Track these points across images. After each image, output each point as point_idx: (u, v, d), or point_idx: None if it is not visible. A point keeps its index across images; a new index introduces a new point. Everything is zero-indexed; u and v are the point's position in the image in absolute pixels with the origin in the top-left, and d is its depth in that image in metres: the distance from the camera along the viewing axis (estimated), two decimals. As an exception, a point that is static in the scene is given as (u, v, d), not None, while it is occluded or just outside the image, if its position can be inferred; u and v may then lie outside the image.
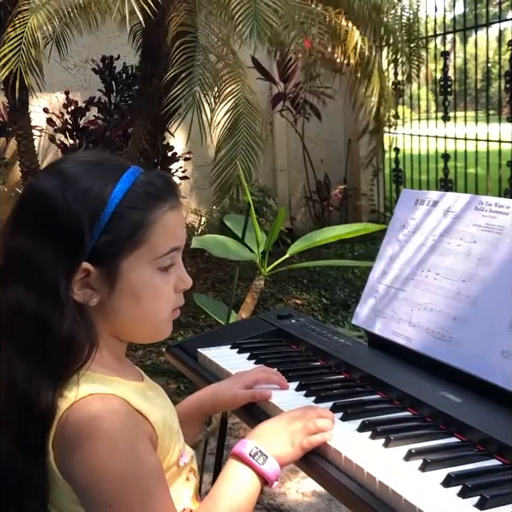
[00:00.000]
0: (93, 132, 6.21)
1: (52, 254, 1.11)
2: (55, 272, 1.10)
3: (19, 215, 1.16)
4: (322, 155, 7.77)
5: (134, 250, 1.14)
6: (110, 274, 1.13)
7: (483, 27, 6.39)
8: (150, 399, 1.19)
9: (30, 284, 1.11)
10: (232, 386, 1.47)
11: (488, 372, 1.39)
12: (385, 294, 1.70)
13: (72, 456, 1.07)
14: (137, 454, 1.09)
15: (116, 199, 1.13)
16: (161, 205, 1.16)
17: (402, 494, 1.07)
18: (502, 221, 1.52)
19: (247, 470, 1.18)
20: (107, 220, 1.12)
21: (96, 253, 1.12)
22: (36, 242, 1.12)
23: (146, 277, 1.16)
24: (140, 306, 1.17)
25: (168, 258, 1.17)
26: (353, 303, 5.23)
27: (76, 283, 1.12)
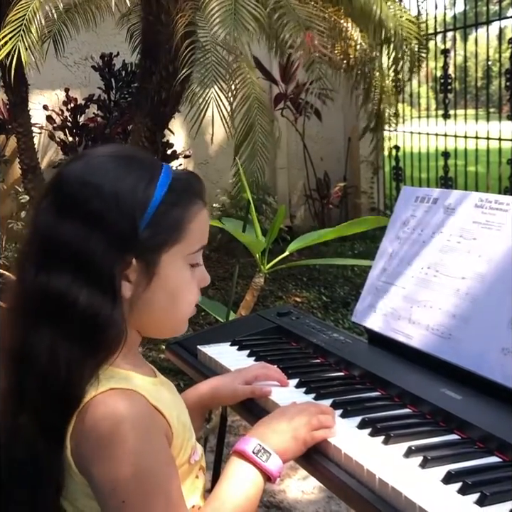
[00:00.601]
0: (93, 130, 6.21)
1: (104, 246, 1.11)
2: (108, 264, 1.11)
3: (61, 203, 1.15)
4: (322, 153, 7.77)
5: (173, 245, 1.16)
6: (149, 267, 1.14)
7: (484, 25, 6.38)
8: (164, 395, 1.20)
9: (79, 275, 1.10)
10: (231, 381, 1.48)
11: (488, 369, 1.39)
12: (385, 291, 1.70)
13: (91, 451, 1.06)
14: (154, 451, 1.09)
15: (160, 194, 1.15)
16: (196, 202, 1.19)
17: (402, 491, 1.07)
18: (502, 218, 1.52)
19: (251, 468, 1.18)
20: (151, 215, 1.14)
21: (139, 247, 1.13)
22: (86, 233, 1.11)
23: (181, 271, 1.18)
24: (173, 300, 1.19)
25: (198, 255, 1.21)
26: (352, 301, 5.23)
27: None
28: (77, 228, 1.12)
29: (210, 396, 1.47)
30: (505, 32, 6.73)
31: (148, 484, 1.06)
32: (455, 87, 6.71)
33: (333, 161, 7.86)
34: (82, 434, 1.07)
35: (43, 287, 1.12)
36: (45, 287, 1.12)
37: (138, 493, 1.05)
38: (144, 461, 1.07)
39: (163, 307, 1.18)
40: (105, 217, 1.12)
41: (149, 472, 1.07)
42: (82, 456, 1.08)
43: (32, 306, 1.14)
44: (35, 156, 5.00)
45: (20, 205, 6.07)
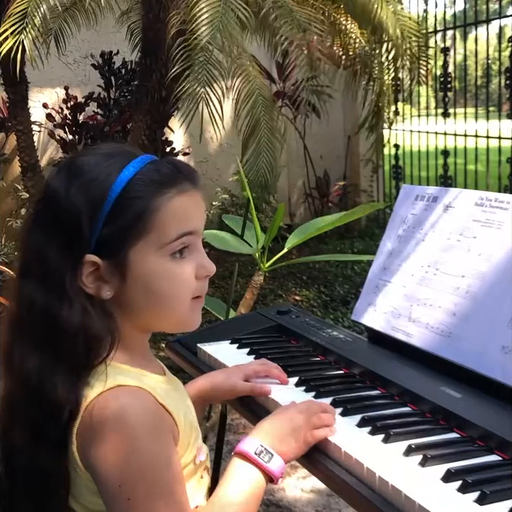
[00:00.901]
0: (92, 128, 6.21)
1: (57, 249, 1.11)
2: (60, 267, 1.11)
3: (34, 211, 1.18)
4: (322, 151, 7.76)
5: (139, 239, 1.12)
6: (119, 265, 1.12)
7: (484, 23, 6.38)
8: (172, 393, 1.19)
9: (40, 279, 1.12)
10: (231, 376, 1.47)
11: (488, 367, 1.39)
12: (385, 290, 1.70)
13: (96, 446, 1.06)
14: (160, 449, 1.08)
15: (117, 189, 1.12)
16: (165, 191, 1.14)
17: (402, 490, 1.07)
18: (502, 216, 1.52)
19: (253, 469, 1.18)
20: (108, 212, 1.11)
21: (101, 245, 1.12)
22: (44, 238, 1.12)
23: (157, 265, 1.14)
24: (154, 296, 1.15)
25: (180, 243, 1.15)
26: (352, 299, 5.23)
27: (87, 276, 1.12)
28: (38, 234, 1.14)
29: (209, 390, 1.47)
30: (505, 30, 6.72)
31: (154, 483, 1.06)
32: (455, 86, 6.70)
33: (333, 159, 7.85)
34: (89, 430, 1.07)
35: (17, 292, 1.15)
36: (18, 292, 1.15)
37: (143, 491, 1.05)
38: (150, 460, 1.07)
39: (147, 302, 1.15)
40: (55, 219, 1.12)
41: (155, 471, 1.06)
42: (87, 453, 1.08)
43: (13, 312, 1.16)
44: (35, 154, 5.00)
45: (19, 203, 6.07)
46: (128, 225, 1.12)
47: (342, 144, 7.95)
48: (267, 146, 4.33)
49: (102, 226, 1.11)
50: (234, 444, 3.38)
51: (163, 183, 1.14)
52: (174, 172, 1.17)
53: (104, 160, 1.15)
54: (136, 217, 1.12)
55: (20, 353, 1.13)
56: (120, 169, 1.13)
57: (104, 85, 6.36)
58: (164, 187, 1.14)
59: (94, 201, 1.11)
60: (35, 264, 1.13)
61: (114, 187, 1.12)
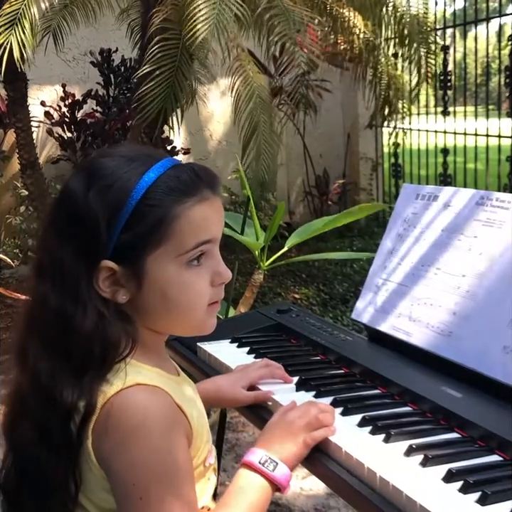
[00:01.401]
0: (91, 125, 6.20)
1: (74, 252, 1.10)
2: (75, 271, 1.10)
3: (52, 212, 1.17)
4: (321, 149, 7.76)
5: (157, 247, 1.11)
6: (135, 271, 1.12)
7: (483, 22, 6.37)
8: (187, 394, 1.19)
9: (55, 281, 1.12)
10: (236, 385, 1.48)
11: (489, 367, 1.38)
12: (385, 289, 1.70)
13: (113, 444, 1.06)
14: (175, 450, 1.08)
15: (137, 196, 1.10)
16: (184, 200, 1.12)
17: (403, 490, 1.07)
18: (503, 216, 1.52)
19: (259, 478, 1.18)
20: (128, 218, 1.10)
21: (119, 251, 1.11)
22: (61, 240, 1.12)
23: (173, 274, 1.13)
24: (169, 303, 1.15)
25: (197, 252, 1.14)
26: (351, 297, 5.22)
27: (104, 281, 1.11)
28: (56, 236, 1.13)
29: (214, 397, 1.48)
30: (504, 29, 6.72)
31: (167, 483, 1.06)
32: (454, 84, 6.69)
33: (333, 157, 7.85)
34: (105, 427, 1.07)
35: (33, 293, 1.15)
36: (33, 293, 1.15)
37: (156, 491, 1.05)
38: (165, 460, 1.06)
39: (162, 308, 1.15)
40: (74, 223, 1.11)
41: (169, 471, 1.06)
42: (103, 449, 1.07)
43: (27, 311, 1.16)
44: (34, 151, 4.99)
45: (19, 200, 6.06)
46: (147, 233, 1.11)
47: (341, 142, 7.95)
48: (266, 146, 4.33)
49: (120, 232, 1.10)
50: (232, 442, 3.39)
51: (183, 192, 1.13)
52: (195, 179, 1.15)
53: (124, 164, 1.14)
54: (156, 225, 1.11)
55: (34, 351, 1.12)
56: (141, 175, 1.12)
57: (104, 83, 6.36)
58: (184, 195, 1.13)
59: (113, 207, 1.10)
60: (51, 265, 1.13)
61: (134, 193, 1.11)
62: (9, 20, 3.79)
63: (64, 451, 1.09)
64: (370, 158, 7.83)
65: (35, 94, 6.28)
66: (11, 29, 3.77)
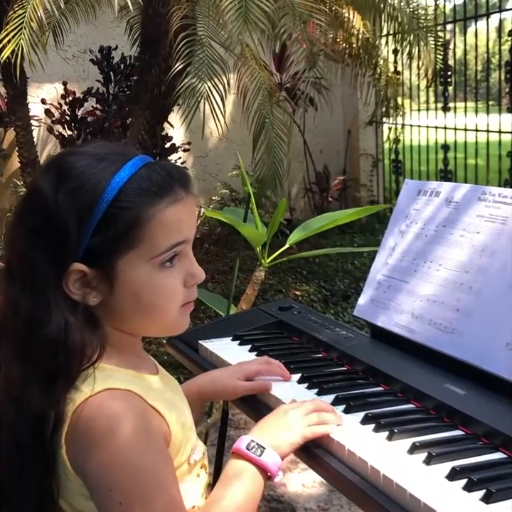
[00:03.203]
0: (91, 123, 6.19)
1: (43, 255, 1.09)
2: (44, 274, 1.09)
3: (19, 213, 1.16)
4: (321, 146, 7.75)
5: (129, 250, 1.10)
6: (107, 274, 1.10)
7: (483, 17, 6.36)
8: (165, 394, 1.18)
9: (24, 284, 1.10)
10: (232, 376, 1.46)
11: (493, 363, 1.38)
12: (387, 286, 1.69)
13: (85, 451, 1.05)
14: (150, 452, 1.07)
15: (108, 198, 1.08)
16: (157, 202, 1.10)
17: (407, 488, 1.06)
18: (505, 211, 1.51)
19: (247, 464, 1.17)
20: (99, 220, 1.08)
21: (90, 253, 1.09)
22: (30, 242, 1.10)
23: (145, 276, 1.12)
24: (141, 304, 1.13)
25: (171, 254, 1.13)
26: (352, 294, 5.22)
27: (74, 283, 1.10)
28: (24, 237, 1.11)
29: (209, 389, 1.47)
30: (504, 24, 6.70)
31: (146, 485, 1.04)
32: (455, 80, 6.68)
33: (333, 153, 7.84)
34: (77, 435, 1.06)
35: (3, 296, 1.13)
36: (3, 297, 1.13)
37: (135, 495, 1.04)
38: (140, 462, 1.05)
39: (135, 310, 1.14)
40: (43, 226, 1.09)
41: (146, 473, 1.05)
42: (77, 457, 1.06)
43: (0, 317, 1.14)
44: (34, 149, 4.98)
45: (18, 199, 6.06)
46: (118, 236, 1.09)
47: (342, 138, 7.94)
48: (276, 140, 4.32)
49: (91, 235, 1.08)
50: (235, 440, 3.38)
51: (156, 193, 1.11)
52: (167, 179, 1.13)
53: (95, 163, 1.11)
54: (127, 228, 1.09)
55: (6, 358, 1.11)
56: (111, 175, 1.10)
57: (103, 80, 6.34)
58: (157, 197, 1.11)
59: (84, 209, 1.08)
60: (20, 267, 1.11)
61: (105, 195, 1.08)
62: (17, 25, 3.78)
63: (38, 462, 1.08)
64: (370, 154, 7.82)
65: (35, 92, 6.27)
66: (21, 33, 3.76)
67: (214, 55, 4.09)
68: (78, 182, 1.09)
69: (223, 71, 4.09)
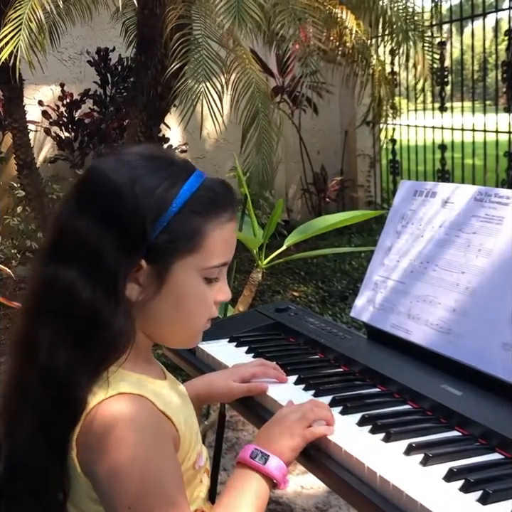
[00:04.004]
0: (89, 125, 6.19)
1: (115, 246, 1.09)
2: (115, 264, 1.09)
3: (83, 197, 1.15)
4: (319, 147, 7.75)
5: (188, 255, 1.13)
6: (161, 273, 1.12)
7: (480, 17, 6.36)
8: (173, 399, 1.18)
9: (86, 271, 1.09)
10: (228, 379, 1.47)
11: (489, 364, 1.38)
12: (384, 287, 1.69)
13: (97, 454, 1.05)
14: (161, 458, 1.08)
15: (181, 200, 1.12)
16: (220, 215, 1.16)
17: (404, 489, 1.06)
18: (502, 212, 1.51)
19: (252, 473, 1.18)
20: (169, 219, 1.11)
21: (152, 250, 1.11)
22: (100, 230, 1.09)
23: (193, 283, 1.15)
24: (181, 310, 1.16)
25: (217, 271, 1.18)
26: (350, 294, 5.22)
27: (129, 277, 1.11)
28: (91, 224, 1.10)
29: (205, 392, 1.47)
30: (501, 24, 6.71)
31: (156, 490, 1.05)
32: (452, 80, 6.68)
33: (330, 154, 7.84)
34: (89, 438, 1.06)
35: (50, 279, 1.11)
36: (52, 279, 1.11)
37: (145, 500, 1.04)
38: (151, 467, 1.06)
39: (171, 315, 1.16)
40: (118, 217, 1.10)
41: (156, 478, 1.05)
42: (87, 460, 1.07)
43: (38, 299, 1.13)
44: (31, 151, 4.97)
45: (16, 201, 6.05)
46: (184, 238, 1.12)
47: (339, 139, 7.94)
48: (265, 140, 4.32)
49: (159, 233, 1.11)
50: (233, 441, 3.39)
51: (220, 206, 1.16)
52: (228, 196, 1.19)
53: (165, 166, 1.16)
54: (192, 233, 1.13)
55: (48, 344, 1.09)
56: (183, 180, 1.14)
57: (100, 82, 6.34)
58: (221, 210, 1.16)
59: (159, 206, 1.11)
60: (80, 252, 1.10)
61: (177, 198, 1.12)
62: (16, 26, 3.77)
63: (59, 450, 1.08)
64: (367, 154, 7.82)
65: (32, 94, 6.27)
66: (19, 35, 3.75)
67: (210, 55, 4.09)
68: (155, 180, 1.12)
69: (220, 71, 4.09)
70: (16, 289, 5.72)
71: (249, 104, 4.23)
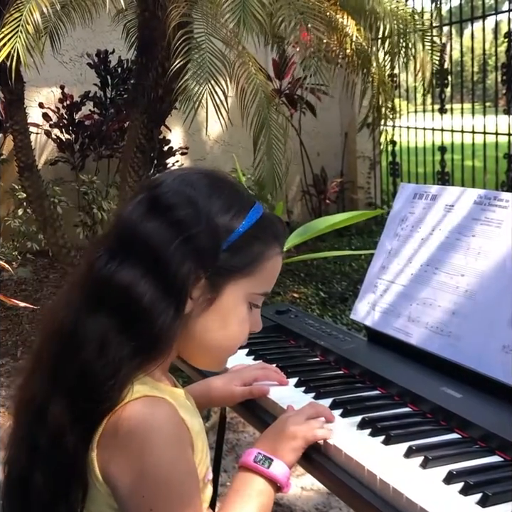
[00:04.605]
0: (89, 127, 6.19)
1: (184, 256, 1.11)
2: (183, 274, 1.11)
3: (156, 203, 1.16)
4: (319, 148, 7.75)
5: (243, 277, 1.17)
6: (215, 290, 1.15)
7: (480, 19, 6.37)
8: (189, 407, 1.19)
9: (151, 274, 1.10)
10: (229, 383, 1.47)
11: (489, 367, 1.38)
12: (384, 289, 1.69)
13: (119, 456, 1.05)
14: (183, 462, 1.09)
15: (247, 224, 1.17)
16: (275, 246, 1.21)
17: (403, 492, 1.07)
18: (501, 215, 1.51)
19: (256, 477, 1.18)
20: (234, 240, 1.15)
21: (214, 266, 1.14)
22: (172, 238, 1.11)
23: (241, 306, 1.19)
24: (226, 330, 1.18)
25: (261, 298, 1.22)
26: (350, 296, 5.22)
27: None
28: (163, 229, 1.12)
29: (207, 396, 1.47)
30: (500, 26, 6.72)
31: (176, 493, 1.06)
32: (451, 82, 6.68)
33: (330, 156, 7.84)
34: (112, 439, 1.06)
35: (111, 275, 1.11)
36: (113, 276, 1.11)
37: (165, 502, 1.05)
38: (175, 470, 1.06)
39: (214, 334, 1.18)
40: (192, 228, 1.12)
41: (178, 481, 1.06)
42: (109, 462, 1.06)
43: (95, 291, 1.13)
44: (32, 153, 4.98)
45: (17, 203, 6.06)
46: (244, 260, 1.16)
47: (339, 140, 7.94)
48: (275, 141, 4.32)
49: (223, 251, 1.14)
50: (233, 443, 3.39)
51: (276, 237, 1.22)
52: (282, 231, 1.26)
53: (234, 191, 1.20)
54: (253, 257, 1.17)
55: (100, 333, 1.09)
56: (250, 206, 1.19)
57: (101, 84, 6.35)
58: (276, 241, 1.22)
59: (227, 227, 1.15)
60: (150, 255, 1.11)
61: (245, 221, 1.17)
62: (13, 28, 3.78)
63: (85, 443, 1.08)
64: (367, 156, 7.82)
65: (33, 96, 6.27)
66: (17, 37, 3.76)
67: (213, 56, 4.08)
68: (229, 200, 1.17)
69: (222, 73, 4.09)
70: (16, 290, 5.72)
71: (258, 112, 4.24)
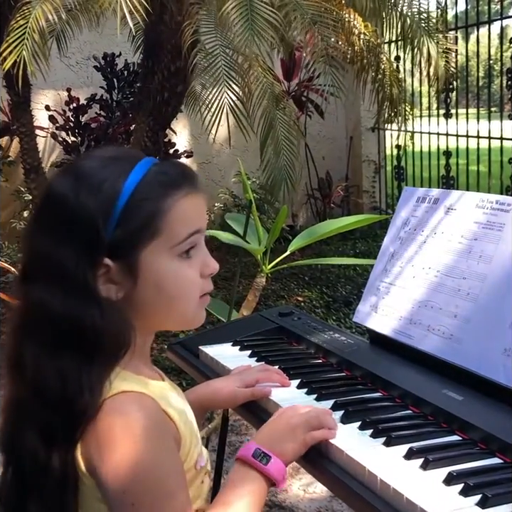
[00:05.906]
0: (95, 130, 6.21)
1: (73, 252, 1.10)
2: (80, 270, 1.10)
3: (38, 216, 1.18)
4: (324, 152, 7.77)
5: (151, 241, 1.14)
6: (130, 267, 1.13)
7: (485, 24, 6.37)
8: (173, 399, 1.19)
9: (53, 284, 1.11)
10: (231, 385, 1.47)
11: (490, 370, 1.39)
12: (387, 292, 1.70)
13: (100, 453, 1.06)
14: (164, 456, 1.09)
15: (128, 191, 1.13)
16: (173, 193, 1.16)
17: (404, 493, 1.07)
18: (503, 218, 1.52)
19: (252, 472, 1.19)
20: (120, 214, 1.12)
21: (113, 247, 1.12)
22: (55, 242, 1.11)
23: (167, 266, 1.15)
24: (164, 295, 1.16)
25: (188, 243, 1.17)
26: (354, 300, 5.23)
27: (99, 279, 1.12)
28: (47, 238, 1.12)
29: (209, 399, 1.47)
30: (506, 31, 6.72)
31: (158, 488, 1.06)
32: (457, 86, 6.69)
33: (335, 160, 7.85)
34: (93, 436, 1.07)
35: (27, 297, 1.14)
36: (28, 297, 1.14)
37: (148, 497, 1.05)
38: (154, 466, 1.07)
39: (158, 302, 1.16)
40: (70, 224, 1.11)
41: (159, 476, 1.07)
42: (92, 458, 1.07)
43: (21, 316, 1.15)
44: (38, 155, 5.00)
45: (23, 205, 6.08)
46: (140, 227, 1.13)
47: (344, 144, 7.95)
48: (285, 142, 4.32)
49: (114, 229, 1.12)
50: (236, 446, 3.40)
51: (170, 185, 1.16)
52: (180, 173, 1.20)
53: (110, 163, 1.17)
54: (148, 219, 1.13)
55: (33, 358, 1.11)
56: (128, 172, 1.15)
57: (107, 87, 6.37)
58: (173, 189, 1.16)
59: (106, 204, 1.12)
60: (46, 268, 1.12)
61: (124, 189, 1.13)
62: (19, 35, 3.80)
63: (68, 454, 1.09)
64: (372, 160, 7.83)
65: (39, 99, 6.30)
66: (23, 44, 3.77)
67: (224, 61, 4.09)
68: (97, 179, 1.13)
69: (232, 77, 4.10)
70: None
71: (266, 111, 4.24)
